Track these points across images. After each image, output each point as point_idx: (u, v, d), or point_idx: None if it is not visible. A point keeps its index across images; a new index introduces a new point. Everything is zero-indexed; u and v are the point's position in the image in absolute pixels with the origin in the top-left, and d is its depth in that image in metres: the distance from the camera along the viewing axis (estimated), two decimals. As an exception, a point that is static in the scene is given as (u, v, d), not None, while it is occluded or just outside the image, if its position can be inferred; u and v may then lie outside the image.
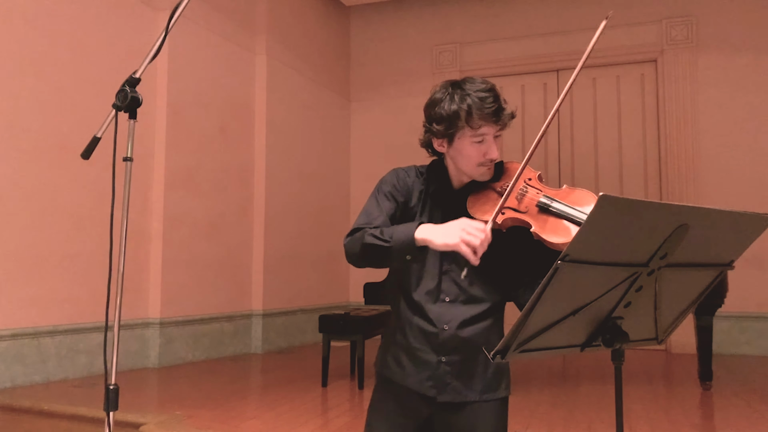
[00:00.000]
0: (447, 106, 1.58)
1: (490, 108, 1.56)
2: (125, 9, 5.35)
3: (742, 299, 6.11)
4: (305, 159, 7.35)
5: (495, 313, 1.68)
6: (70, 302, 4.76)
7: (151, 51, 1.72)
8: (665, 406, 4.17)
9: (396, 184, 1.68)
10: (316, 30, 7.72)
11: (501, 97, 1.61)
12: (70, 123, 4.78)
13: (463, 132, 1.58)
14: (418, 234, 1.50)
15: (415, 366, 1.66)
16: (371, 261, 1.59)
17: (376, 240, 1.53)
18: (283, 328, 6.80)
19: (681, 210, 1.18)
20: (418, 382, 1.65)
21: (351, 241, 1.59)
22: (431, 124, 1.62)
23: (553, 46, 7.27)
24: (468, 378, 1.64)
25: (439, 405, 1.65)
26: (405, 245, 1.50)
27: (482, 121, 1.56)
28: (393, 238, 1.51)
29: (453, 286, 1.64)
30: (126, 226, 1.73)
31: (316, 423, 3.68)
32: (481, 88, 1.58)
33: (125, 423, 3.45)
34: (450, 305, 1.64)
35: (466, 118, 1.55)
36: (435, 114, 1.61)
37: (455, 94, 1.59)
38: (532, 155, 1.56)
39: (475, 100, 1.56)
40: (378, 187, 1.70)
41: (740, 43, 6.74)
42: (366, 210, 1.66)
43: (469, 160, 1.61)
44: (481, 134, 1.58)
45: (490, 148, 1.59)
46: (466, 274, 1.52)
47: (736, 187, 6.59)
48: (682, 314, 1.42)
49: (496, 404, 1.67)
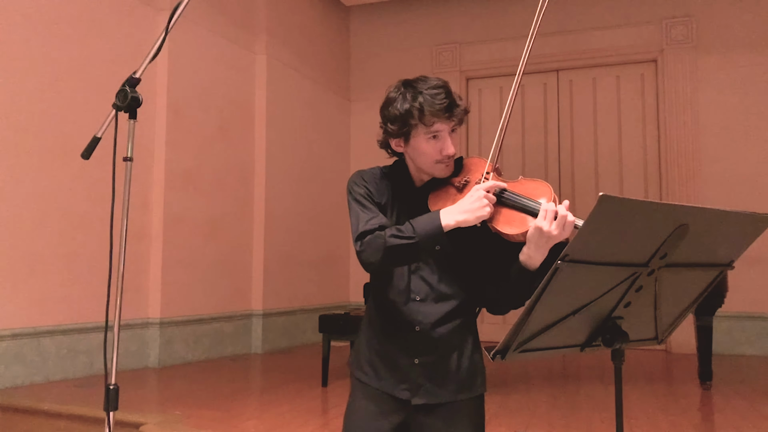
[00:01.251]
0: (399, 105, 1.60)
1: (442, 104, 1.57)
2: (125, 9, 5.35)
3: (742, 299, 6.11)
4: (305, 159, 7.35)
5: (466, 311, 1.67)
6: (70, 302, 4.76)
7: (151, 51, 1.72)
8: (665, 406, 4.16)
9: (367, 187, 1.68)
10: (316, 30, 7.72)
11: (454, 93, 1.62)
12: (70, 123, 4.78)
13: (417, 130, 1.59)
14: (445, 221, 1.50)
15: (388, 369, 1.65)
16: (396, 262, 1.59)
17: (400, 240, 1.51)
18: (283, 328, 6.80)
19: (681, 210, 1.18)
20: (391, 385, 1.64)
21: (367, 246, 1.55)
22: (386, 124, 1.64)
23: (553, 46, 7.27)
24: (441, 378, 1.62)
25: (413, 407, 1.63)
26: (434, 236, 1.50)
27: (434, 117, 1.57)
28: (417, 233, 1.50)
29: (422, 284, 1.64)
30: (126, 226, 1.73)
31: (316, 423, 3.67)
32: (432, 85, 1.60)
33: (125, 423, 3.45)
34: (421, 304, 1.63)
35: (419, 116, 1.57)
36: (389, 114, 1.63)
37: (407, 92, 1.61)
38: (498, 149, 1.60)
39: (427, 97, 1.57)
40: (353, 194, 1.68)
41: (740, 43, 6.74)
42: (358, 215, 1.64)
43: (427, 157, 1.62)
44: (435, 131, 1.59)
45: (446, 144, 1.60)
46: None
47: (736, 187, 6.59)
48: (682, 314, 1.43)
49: (472, 402, 1.65)
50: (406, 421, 1.65)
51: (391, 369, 1.64)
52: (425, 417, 1.63)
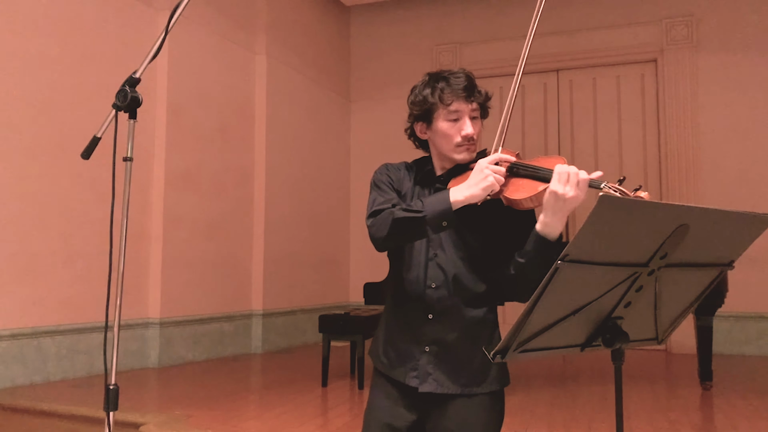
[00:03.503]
0: (421, 89, 1.69)
1: (460, 85, 1.63)
2: (125, 9, 5.35)
3: (742, 299, 6.11)
4: (305, 159, 7.35)
5: (484, 302, 1.65)
6: (70, 302, 4.76)
7: (151, 51, 1.73)
8: (665, 406, 4.17)
9: (389, 175, 1.74)
10: (316, 30, 7.72)
11: (475, 81, 1.68)
12: (70, 123, 4.78)
13: (438, 112, 1.65)
14: (453, 197, 1.52)
15: (400, 356, 1.66)
16: (403, 237, 1.60)
17: (408, 213, 1.54)
18: (283, 328, 6.80)
19: (681, 210, 1.18)
20: (403, 373, 1.65)
21: (376, 221, 1.60)
22: (411, 108, 1.72)
23: (553, 46, 7.27)
24: (451, 369, 1.61)
25: (422, 397, 1.63)
26: (442, 212, 1.52)
27: (453, 96, 1.62)
28: (425, 208, 1.53)
29: (439, 272, 1.64)
30: (126, 226, 1.73)
31: (316, 423, 3.67)
32: (454, 72, 1.67)
33: (125, 423, 3.45)
34: (436, 291, 1.63)
35: (439, 96, 1.63)
36: (413, 99, 1.71)
37: (431, 80, 1.69)
38: (505, 132, 1.65)
39: (448, 79, 1.65)
40: (375, 181, 1.74)
41: (740, 43, 6.74)
42: (374, 198, 1.68)
43: (447, 139, 1.65)
44: (455, 110, 1.63)
45: (465, 124, 1.63)
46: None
47: (736, 187, 6.59)
48: (682, 314, 1.42)
49: (485, 399, 1.63)
50: (422, 415, 1.66)
51: (404, 357, 1.66)
52: (436, 409, 1.63)
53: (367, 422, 1.72)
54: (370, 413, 1.72)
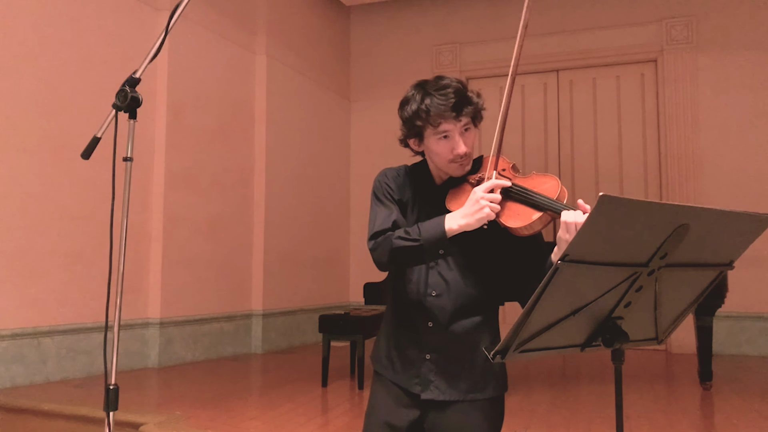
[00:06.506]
0: (410, 107, 1.62)
1: (447, 104, 1.56)
2: (125, 9, 5.35)
3: (742, 299, 6.11)
4: (305, 159, 7.34)
5: (484, 309, 1.66)
6: (70, 302, 4.76)
7: (151, 51, 1.73)
8: (665, 406, 4.16)
9: (390, 183, 1.71)
10: (316, 30, 7.72)
11: (470, 91, 1.61)
12: (70, 123, 4.78)
13: (427, 131, 1.61)
14: (448, 225, 1.53)
15: (403, 363, 1.67)
16: (402, 263, 1.62)
17: (405, 242, 1.55)
18: (283, 328, 6.80)
19: (681, 210, 1.18)
20: (406, 379, 1.66)
21: (377, 246, 1.60)
22: (402, 124, 1.67)
23: (553, 46, 7.27)
24: (452, 376, 1.63)
25: (424, 403, 1.64)
26: (437, 240, 1.53)
27: (440, 118, 1.57)
28: (422, 236, 1.53)
29: (440, 280, 1.64)
30: (126, 226, 1.73)
31: (316, 423, 3.67)
32: (441, 86, 1.59)
33: (125, 423, 3.45)
34: (437, 299, 1.63)
35: (426, 117, 1.58)
36: (402, 116, 1.66)
37: (417, 94, 1.62)
38: (500, 146, 1.60)
39: (434, 98, 1.57)
40: (375, 192, 1.72)
41: (740, 43, 6.74)
42: (377, 213, 1.67)
43: (440, 157, 1.63)
44: (443, 131, 1.60)
45: (457, 144, 1.60)
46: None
47: (736, 187, 6.59)
48: (682, 314, 1.42)
49: (485, 405, 1.64)
50: (421, 417, 1.66)
51: (406, 363, 1.67)
52: (437, 414, 1.64)
53: (368, 421, 1.73)
54: (371, 412, 1.73)
